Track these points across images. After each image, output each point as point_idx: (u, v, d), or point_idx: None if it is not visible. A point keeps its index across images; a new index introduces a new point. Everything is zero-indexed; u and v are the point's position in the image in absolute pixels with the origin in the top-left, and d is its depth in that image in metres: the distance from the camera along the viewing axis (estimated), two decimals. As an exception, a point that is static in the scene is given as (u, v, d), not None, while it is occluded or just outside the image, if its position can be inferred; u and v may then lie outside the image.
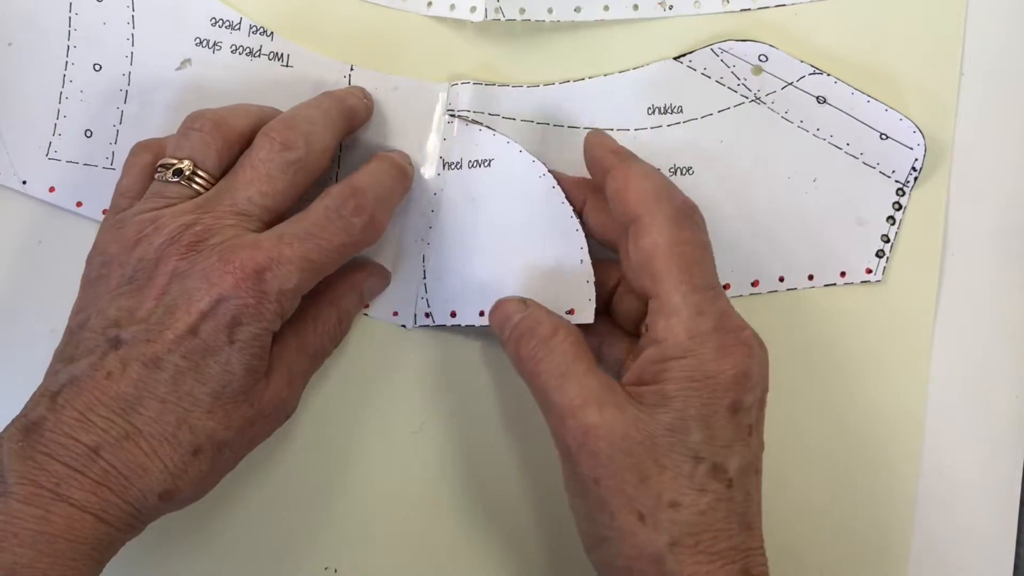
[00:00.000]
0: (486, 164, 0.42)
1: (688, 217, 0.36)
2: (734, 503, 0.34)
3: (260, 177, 0.37)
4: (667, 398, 0.34)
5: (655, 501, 0.33)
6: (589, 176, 0.41)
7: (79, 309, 0.36)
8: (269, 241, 0.36)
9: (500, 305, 0.39)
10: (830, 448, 0.43)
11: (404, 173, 0.41)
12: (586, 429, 0.34)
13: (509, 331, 0.38)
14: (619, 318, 0.40)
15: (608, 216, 0.39)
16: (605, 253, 0.40)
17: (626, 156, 0.39)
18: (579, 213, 0.40)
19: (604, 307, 0.40)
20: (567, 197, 0.40)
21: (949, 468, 0.43)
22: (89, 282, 0.37)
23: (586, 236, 0.40)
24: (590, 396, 0.35)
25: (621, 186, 0.37)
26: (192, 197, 0.37)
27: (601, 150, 0.39)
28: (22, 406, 0.34)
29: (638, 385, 0.35)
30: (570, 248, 0.39)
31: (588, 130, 0.43)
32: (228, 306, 0.34)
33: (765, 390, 0.36)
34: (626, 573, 0.34)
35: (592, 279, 0.39)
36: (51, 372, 0.35)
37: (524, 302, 0.38)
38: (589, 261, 0.39)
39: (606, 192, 0.38)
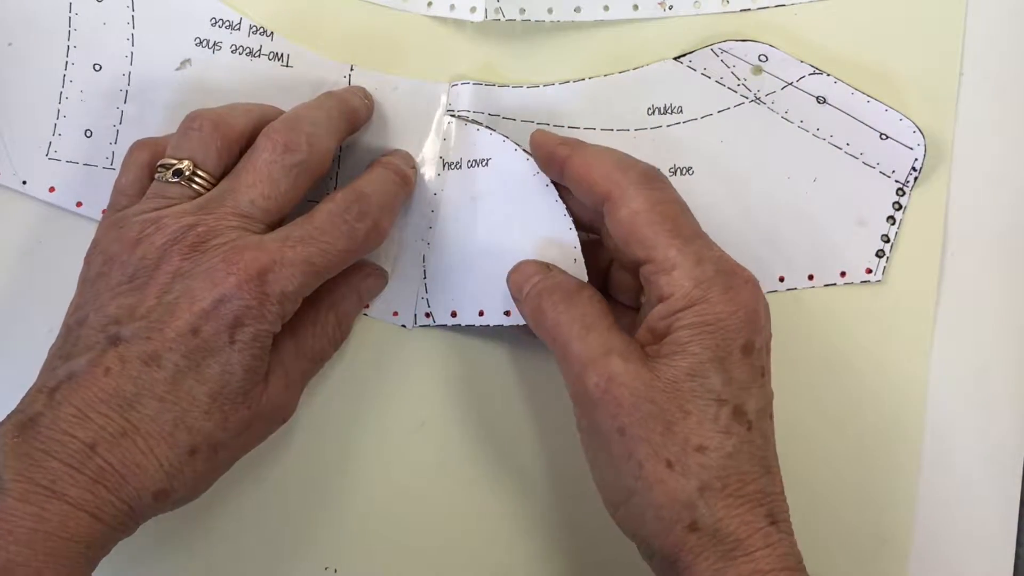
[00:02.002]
0: (485, 164, 0.42)
1: (656, 179, 0.37)
2: (755, 446, 0.34)
3: (262, 179, 0.37)
4: (682, 345, 0.34)
5: (682, 447, 0.33)
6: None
7: (77, 307, 0.36)
8: (273, 243, 0.36)
9: (520, 266, 0.39)
10: (830, 448, 0.43)
11: (407, 179, 0.41)
12: (610, 376, 0.34)
13: (530, 288, 0.38)
14: (620, 294, 0.40)
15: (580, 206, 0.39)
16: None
17: (576, 144, 0.39)
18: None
19: (603, 287, 0.40)
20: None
21: (949, 468, 0.43)
22: (88, 280, 0.37)
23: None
24: (613, 348, 0.35)
25: (582, 170, 0.38)
26: (192, 197, 0.37)
27: (550, 146, 0.39)
28: (21, 404, 0.34)
29: (652, 343, 0.35)
30: (564, 248, 0.39)
31: (588, 130, 0.43)
32: (230, 307, 0.34)
33: (770, 335, 0.36)
34: (656, 523, 0.34)
35: (586, 278, 0.38)
36: (48, 368, 0.35)
37: (547, 266, 0.39)
38: (583, 261, 0.39)
39: (568, 183, 0.39)
